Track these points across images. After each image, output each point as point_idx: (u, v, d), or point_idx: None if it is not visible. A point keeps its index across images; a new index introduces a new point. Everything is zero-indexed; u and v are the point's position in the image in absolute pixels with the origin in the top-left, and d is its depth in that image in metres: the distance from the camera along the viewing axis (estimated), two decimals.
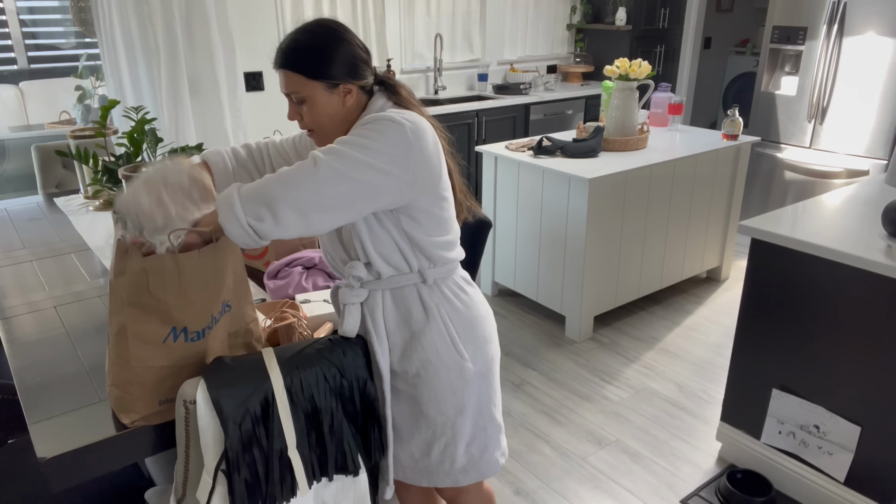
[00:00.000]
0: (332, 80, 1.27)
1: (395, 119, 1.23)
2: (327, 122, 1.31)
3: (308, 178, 1.15)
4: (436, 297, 1.37)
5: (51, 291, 1.79)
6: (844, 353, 1.95)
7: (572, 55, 5.54)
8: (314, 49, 1.26)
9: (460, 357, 1.38)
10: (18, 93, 4.59)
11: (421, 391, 1.38)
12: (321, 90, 1.28)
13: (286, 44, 1.28)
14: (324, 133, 1.33)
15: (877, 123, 3.81)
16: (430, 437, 1.42)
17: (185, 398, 1.17)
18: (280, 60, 1.28)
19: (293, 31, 1.30)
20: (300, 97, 1.28)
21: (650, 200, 3.19)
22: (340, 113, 1.31)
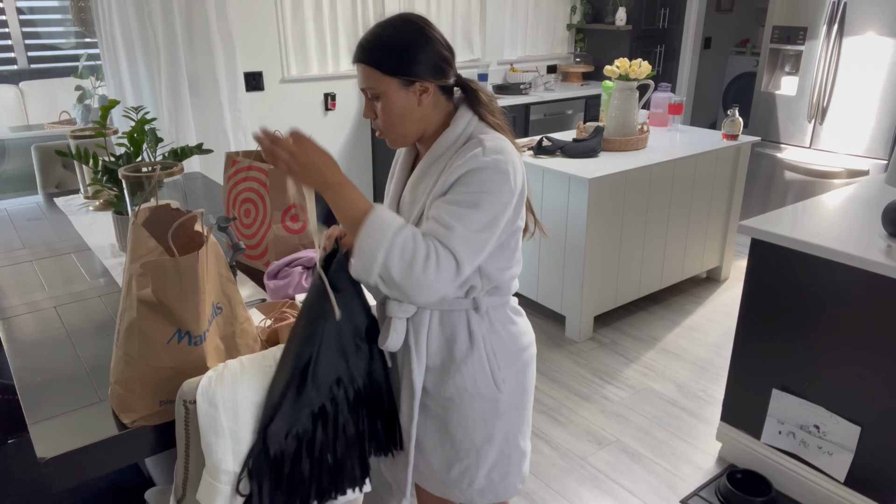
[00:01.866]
0: (407, 76, 1.22)
1: (498, 168, 1.18)
2: (399, 121, 1.25)
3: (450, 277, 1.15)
4: (484, 328, 1.33)
5: (51, 291, 1.79)
6: (844, 352, 1.95)
7: (572, 55, 5.54)
8: (391, 43, 1.22)
9: (497, 389, 1.35)
10: (18, 93, 4.59)
11: (451, 415, 1.36)
12: (396, 87, 1.22)
13: (366, 37, 1.24)
14: (394, 134, 1.28)
15: (877, 123, 3.81)
16: (452, 457, 1.39)
17: (185, 398, 1.17)
18: (357, 54, 1.24)
19: (375, 24, 1.25)
20: (375, 93, 1.24)
21: (650, 200, 3.19)
22: (415, 113, 1.25)
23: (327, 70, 4.21)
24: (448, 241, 1.15)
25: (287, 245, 1.89)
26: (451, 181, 1.20)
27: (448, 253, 1.15)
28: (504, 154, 1.21)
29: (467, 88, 1.31)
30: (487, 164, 1.18)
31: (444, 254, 1.15)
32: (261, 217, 1.90)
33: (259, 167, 1.88)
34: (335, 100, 4.29)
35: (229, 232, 1.77)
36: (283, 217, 1.87)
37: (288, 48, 4.00)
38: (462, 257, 1.16)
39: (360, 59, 1.23)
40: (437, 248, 1.14)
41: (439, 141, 1.28)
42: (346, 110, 4.39)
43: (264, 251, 1.91)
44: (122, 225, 2.04)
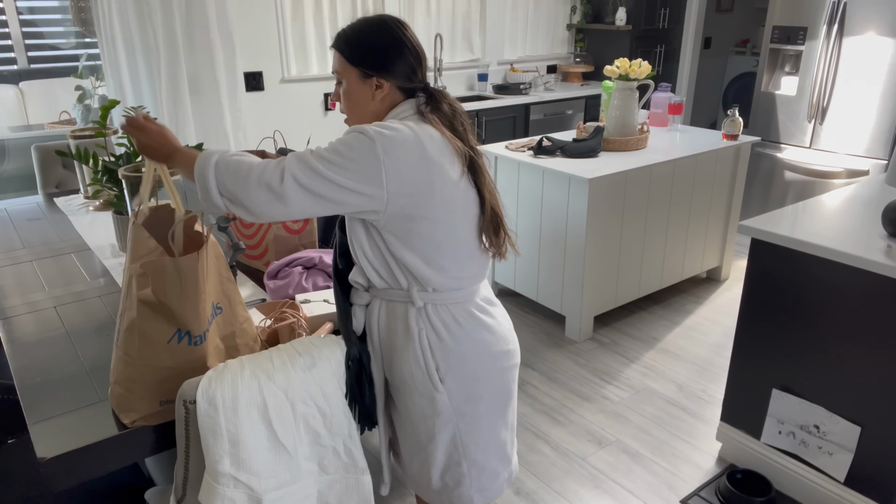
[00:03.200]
0: (366, 69, 1.31)
1: (367, 132, 1.21)
2: (354, 109, 1.36)
3: (274, 191, 1.19)
4: (421, 322, 1.33)
5: (51, 291, 1.79)
6: (844, 352, 1.95)
7: (572, 55, 5.54)
8: (361, 36, 1.32)
9: (433, 387, 1.34)
10: (18, 93, 4.59)
11: (400, 405, 1.42)
12: (355, 77, 1.32)
13: (347, 27, 1.35)
14: (350, 119, 1.38)
15: (877, 123, 3.81)
16: (410, 450, 1.45)
17: (185, 398, 1.17)
18: (334, 40, 1.35)
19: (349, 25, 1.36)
20: (339, 78, 1.35)
21: (650, 200, 3.19)
22: (369, 105, 1.34)
23: (327, 70, 4.21)
24: (285, 161, 1.21)
25: (287, 245, 1.89)
26: None
27: (279, 165, 1.21)
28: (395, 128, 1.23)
29: (432, 96, 1.35)
30: (359, 128, 1.23)
31: (275, 164, 1.21)
32: None
33: None
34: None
35: (229, 232, 1.77)
36: None
37: (288, 48, 4.00)
38: (292, 169, 1.19)
39: (334, 44, 1.35)
40: (270, 163, 1.22)
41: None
42: None
43: (264, 251, 1.91)
44: (122, 225, 2.04)
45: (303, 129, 4.21)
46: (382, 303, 1.37)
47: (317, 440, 1.29)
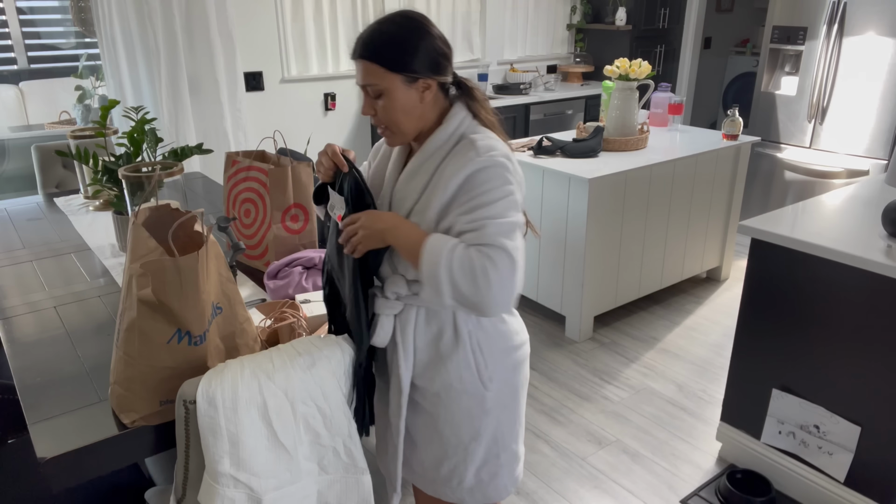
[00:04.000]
0: (412, 73, 1.21)
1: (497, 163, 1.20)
2: (402, 118, 1.25)
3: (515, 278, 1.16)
4: (470, 324, 1.33)
5: (51, 291, 1.79)
6: (845, 353, 1.95)
7: (572, 55, 5.54)
8: (396, 39, 1.21)
9: (483, 387, 1.35)
10: (18, 93, 4.59)
11: (439, 410, 1.36)
12: (399, 83, 1.22)
13: (367, 33, 1.22)
14: (396, 131, 1.28)
15: (877, 123, 3.81)
16: (441, 454, 1.40)
17: (185, 398, 1.17)
18: (359, 50, 1.22)
19: (375, 21, 1.24)
20: (377, 90, 1.22)
21: (650, 200, 3.19)
22: (417, 110, 1.25)
23: (327, 70, 4.21)
24: (488, 238, 1.16)
25: (287, 245, 1.89)
26: (453, 188, 1.21)
27: (494, 249, 1.15)
28: (496, 150, 1.22)
29: (463, 86, 1.31)
30: (484, 162, 1.19)
31: (494, 253, 1.15)
32: (261, 217, 1.90)
33: (259, 167, 1.88)
34: (335, 100, 4.29)
35: (229, 232, 1.77)
36: (283, 217, 1.87)
37: (288, 48, 4.00)
38: (506, 244, 1.15)
39: (362, 55, 1.22)
40: (486, 253, 1.15)
41: (432, 138, 1.28)
42: (346, 110, 4.39)
43: (264, 251, 1.91)
44: (122, 225, 2.04)
45: (303, 129, 4.21)
46: (421, 310, 1.33)
47: (317, 440, 1.29)
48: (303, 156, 2.49)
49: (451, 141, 1.27)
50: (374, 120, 1.28)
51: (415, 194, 1.28)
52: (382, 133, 1.30)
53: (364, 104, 1.27)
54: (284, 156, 1.94)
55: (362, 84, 1.24)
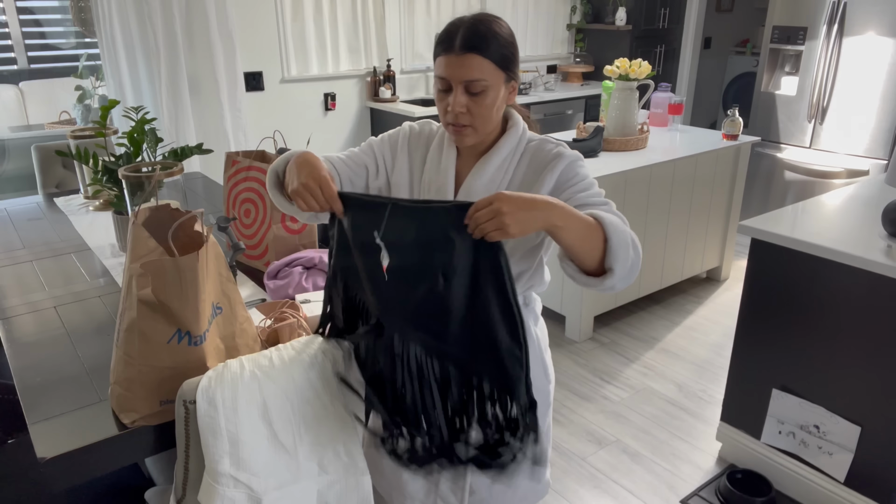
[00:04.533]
0: (512, 73, 1.22)
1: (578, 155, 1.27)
2: (489, 118, 1.22)
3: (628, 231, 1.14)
4: (531, 320, 1.36)
5: (51, 291, 1.79)
6: (844, 353, 1.95)
7: (572, 55, 5.54)
8: (506, 39, 1.20)
9: (548, 381, 1.38)
10: (18, 93, 4.59)
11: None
12: (502, 82, 1.21)
13: (471, 27, 1.18)
14: (481, 129, 1.23)
15: (877, 123, 3.81)
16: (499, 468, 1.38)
17: (185, 398, 1.17)
18: (472, 43, 1.17)
19: (466, 17, 1.21)
20: (483, 86, 1.18)
21: (650, 200, 3.19)
22: (501, 110, 1.25)
23: (327, 70, 4.21)
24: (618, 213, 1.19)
25: (287, 245, 1.89)
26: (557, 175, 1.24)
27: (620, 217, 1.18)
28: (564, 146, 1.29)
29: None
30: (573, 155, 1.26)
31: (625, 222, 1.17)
32: (261, 217, 1.90)
33: (259, 167, 1.88)
34: (335, 100, 4.29)
35: (229, 232, 1.77)
36: (283, 217, 1.87)
37: (288, 48, 4.00)
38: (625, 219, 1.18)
39: (474, 48, 1.17)
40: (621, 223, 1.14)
41: (504, 143, 1.28)
42: (346, 110, 4.39)
43: (264, 251, 1.91)
44: (122, 225, 2.04)
45: (303, 129, 4.21)
46: None
47: (317, 440, 1.29)
48: None
49: (521, 143, 1.29)
50: (461, 118, 1.21)
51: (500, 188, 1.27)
52: (461, 131, 1.23)
53: (455, 101, 1.19)
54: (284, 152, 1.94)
55: (466, 79, 1.17)
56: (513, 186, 1.26)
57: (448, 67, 1.19)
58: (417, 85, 4.68)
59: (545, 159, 1.24)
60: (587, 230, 1.06)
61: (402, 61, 4.54)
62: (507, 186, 1.26)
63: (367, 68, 4.38)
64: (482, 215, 0.99)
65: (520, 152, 1.28)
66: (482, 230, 0.99)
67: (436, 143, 1.35)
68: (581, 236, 1.06)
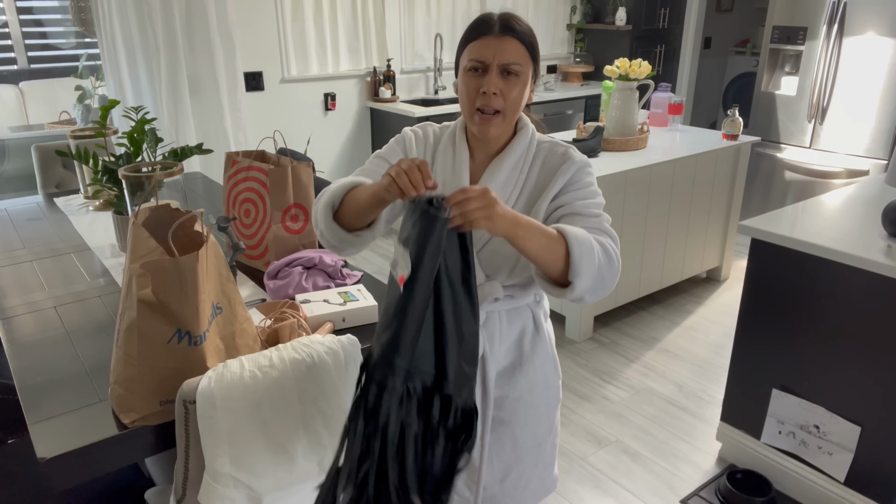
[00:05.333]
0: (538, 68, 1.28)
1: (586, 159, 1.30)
2: (515, 108, 1.24)
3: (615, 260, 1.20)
4: (542, 314, 1.37)
5: (51, 291, 1.79)
6: (844, 353, 1.95)
7: (572, 55, 5.54)
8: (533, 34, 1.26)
9: (557, 376, 1.40)
10: (18, 93, 4.59)
11: (518, 415, 1.34)
12: (530, 74, 1.25)
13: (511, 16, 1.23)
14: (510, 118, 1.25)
15: (877, 123, 3.81)
16: (511, 463, 1.37)
17: (185, 398, 1.17)
18: (512, 28, 1.21)
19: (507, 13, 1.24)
20: (518, 70, 1.20)
21: (650, 200, 3.19)
22: (524, 105, 1.28)
23: (327, 70, 4.21)
24: (604, 227, 1.23)
25: (287, 245, 1.89)
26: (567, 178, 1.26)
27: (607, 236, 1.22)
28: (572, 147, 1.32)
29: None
30: (583, 160, 1.29)
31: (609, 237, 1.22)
32: (261, 217, 1.90)
33: (259, 167, 1.88)
34: (335, 100, 4.29)
35: (229, 232, 1.77)
36: (283, 217, 1.87)
37: (288, 48, 4.00)
38: (613, 233, 1.24)
39: (516, 34, 1.20)
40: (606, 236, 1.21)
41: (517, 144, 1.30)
42: (346, 110, 4.39)
43: (264, 251, 1.91)
44: (122, 225, 2.04)
45: (303, 129, 4.21)
46: (503, 313, 1.32)
47: (316, 440, 1.29)
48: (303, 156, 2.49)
49: (532, 144, 1.31)
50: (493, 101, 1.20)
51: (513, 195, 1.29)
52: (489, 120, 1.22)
53: (490, 82, 1.19)
54: (284, 156, 1.94)
55: (505, 62, 1.19)
56: (528, 186, 1.29)
57: (486, 48, 1.20)
58: (417, 85, 4.68)
59: (557, 162, 1.28)
60: (549, 242, 1.09)
61: (402, 61, 4.54)
62: (523, 186, 1.29)
63: (367, 68, 4.38)
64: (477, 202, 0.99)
65: (532, 153, 1.30)
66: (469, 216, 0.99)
67: (444, 143, 1.34)
68: (542, 246, 1.08)
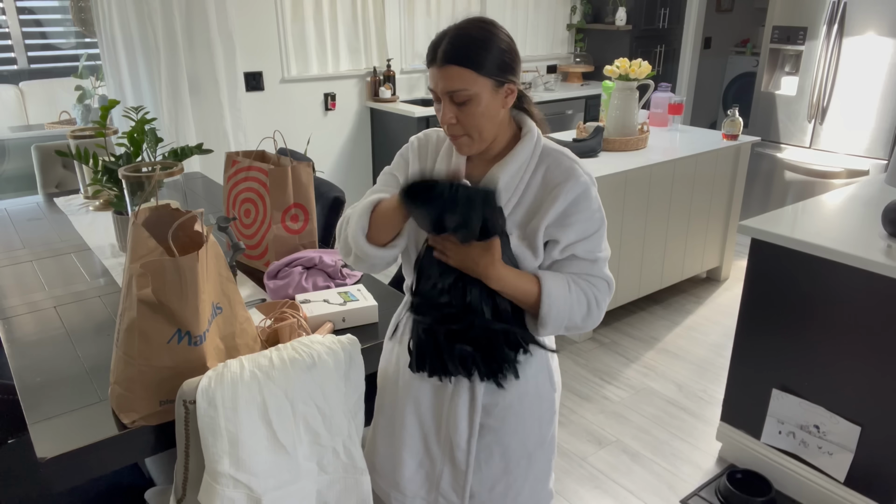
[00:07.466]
0: (501, 77, 1.18)
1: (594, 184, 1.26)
2: (487, 124, 1.20)
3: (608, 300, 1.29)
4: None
5: (51, 291, 1.79)
6: (844, 352, 1.95)
7: (572, 55, 5.54)
8: (485, 43, 1.16)
9: (553, 388, 1.38)
10: (18, 93, 4.59)
11: (507, 423, 1.33)
12: (489, 88, 1.17)
13: (451, 38, 1.17)
14: (478, 138, 1.21)
15: (877, 123, 3.81)
16: (500, 472, 1.37)
17: (185, 398, 1.17)
18: (448, 55, 1.16)
19: (452, 27, 1.19)
20: (465, 96, 1.16)
21: (650, 200, 3.19)
22: (499, 115, 1.21)
23: (327, 70, 4.21)
24: (599, 272, 1.26)
25: (287, 245, 1.89)
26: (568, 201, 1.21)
27: (601, 281, 1.27)
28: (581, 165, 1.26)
29: (523, 95, 1.29)
30: (588, 184, 1.23)
31: (600, 283, 1.27)
32: (261, 217, 1.90)
33: (259, 167, 1.88)
34: (335, 100, 4.29)
35: (229, 232, 1.77)
36: (283, 217, 1.87)
37: (288, 48, 4.00)
38: (609, 276, 1.28)
39: (453, 59, 1.16)
40: (594, 284, 1.26)
41: (518, 152, 1.24)
42: (346, 110, 4.39)
43: (264, 251, 1.91)
44: (122, 225, 2.04)
45: (303, 129, 4.21)
46: None
47: (316, 440, 1.29)
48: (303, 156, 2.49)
49: (536, 152, 1.25)
50: (452, 129, 1.21)
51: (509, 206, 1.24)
52: (457, 140, 1.23)
53: (444, 112, 1.19)
54: (284, 156, 1.94)
55: (449, 90, 1.17)
56: (527, 197, 1.23)
57: (432, 80, 1.20)
58: (417, 85, 4.68)
59: (560, 178, 1.22)
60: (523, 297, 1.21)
61: (402, 61, 4.54)
62: (522, 196, 1.24)
63: (367, 68, 4.38)
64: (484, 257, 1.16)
65: (535, 161, 1.25)
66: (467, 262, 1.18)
67: (444, 149, 1.34)
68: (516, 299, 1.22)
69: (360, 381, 1.37)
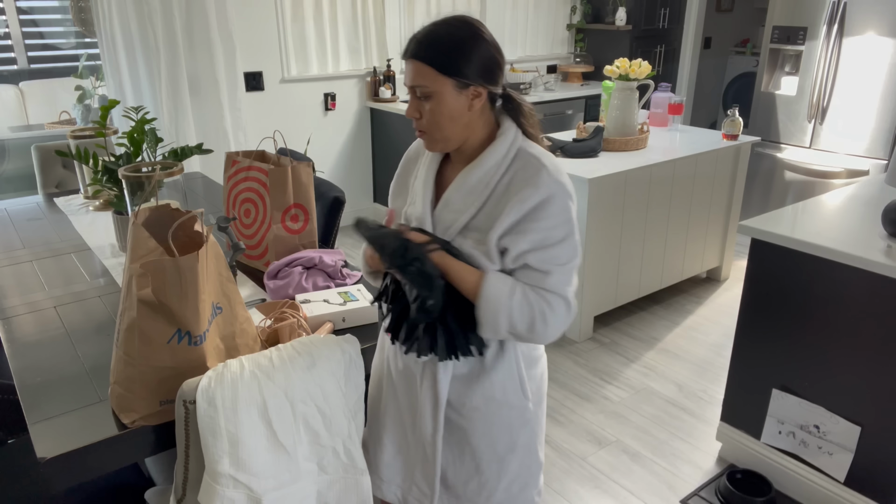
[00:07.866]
0: (464, 78, 1.17)
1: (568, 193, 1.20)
2: (448, 124, 1.20)
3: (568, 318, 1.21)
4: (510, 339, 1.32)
5: (51, 291, 1.79)
6: (844, 353, 1.95)
7: (572, 55, 5.54)
8: (451, 43, 1.17)
9: (524, 397, 1.35)
10: (18, 93, 4.59)
11: (475, 425, 1.33)
12: (450, 88, 1.17)
13: (422, 34, 1.19)
14: (438, 136, 1.22)
15: (877, 123, 3.81)
16: (471, 470, 1.37)
17: (185, 398, 1.17)
18: (412, 49, 1.18)
19: (431, 22, 1.20)
20: (426, 92, 1.18)
21: (650, 200, 3.19)
22: (464, 117, 1.20)
23: (327, 70, 4.22)
24: (552, 286, 1.19)
25: (287, 245, 1.89)
26: (525, 210, 1.18)
27: (555, 296, 1.19)
28: (563, 174, 1.21)
29: (511, 99, 1.27)
30: (556, 189, 1.18)
31: (554, 299, 1.19)
32: (261, 217, 1.90)
33: (259, 167, 1.88)
34: (335, 100, 4.29)
35: (229, 232, 1.77)
36: (283, 217, 1.87)
37: (288, 48, 4.00)
38: (567, 292, 1.20)
39: (415, 55, 1.18)
40: (546, 298, 1.18)
41: (488, 154, 1.22)
42: (346, 110, 4.39)
43: (264, 251, 1.91)
44: (122, 225, 2.04)
45: (303, 129, 4.21)
46: None
47: (316, 440, 1.29)
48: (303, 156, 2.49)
49: (508, 155, 1.23)
50: (417, 123, 1.23)
51: (472, 209, 1.23)
52: (420, 136, 1.25)
53: (409, 106, 1.22)
54: (284, 156, 1.94)
55: (411, 85, 1.20)
56: (491, 201, 1.21)
57: (405, 73, 1.23)
58: None
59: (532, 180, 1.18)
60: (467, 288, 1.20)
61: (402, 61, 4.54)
62: (486, 200, 1.22)
63: (367, 68, 4.38)
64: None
65: (507, 163, 1.22)
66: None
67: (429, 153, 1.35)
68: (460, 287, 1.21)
69: (360, 381, 1.37)
